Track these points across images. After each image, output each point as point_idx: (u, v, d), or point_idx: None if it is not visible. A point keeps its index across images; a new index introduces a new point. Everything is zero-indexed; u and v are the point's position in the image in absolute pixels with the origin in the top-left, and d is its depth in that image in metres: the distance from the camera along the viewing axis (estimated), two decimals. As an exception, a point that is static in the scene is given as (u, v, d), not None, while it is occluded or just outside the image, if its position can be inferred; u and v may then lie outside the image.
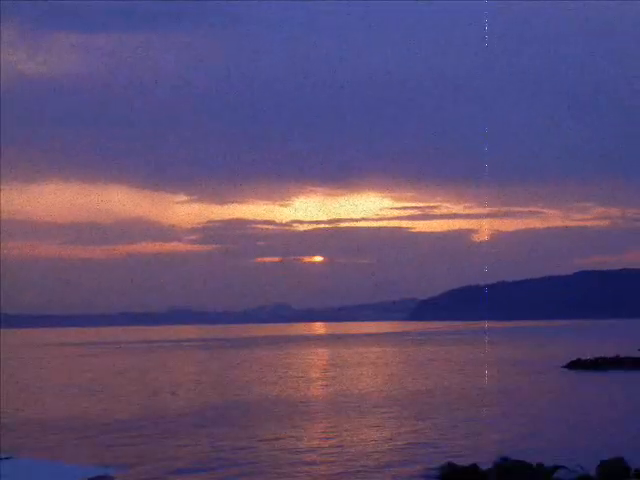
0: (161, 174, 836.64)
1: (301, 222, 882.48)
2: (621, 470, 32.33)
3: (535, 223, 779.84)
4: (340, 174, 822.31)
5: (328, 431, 47.45)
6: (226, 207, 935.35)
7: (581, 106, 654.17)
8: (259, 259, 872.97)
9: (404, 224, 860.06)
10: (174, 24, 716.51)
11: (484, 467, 34.06)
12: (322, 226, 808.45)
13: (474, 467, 34.03)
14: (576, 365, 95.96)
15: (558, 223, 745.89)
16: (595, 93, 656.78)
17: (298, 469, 36.09)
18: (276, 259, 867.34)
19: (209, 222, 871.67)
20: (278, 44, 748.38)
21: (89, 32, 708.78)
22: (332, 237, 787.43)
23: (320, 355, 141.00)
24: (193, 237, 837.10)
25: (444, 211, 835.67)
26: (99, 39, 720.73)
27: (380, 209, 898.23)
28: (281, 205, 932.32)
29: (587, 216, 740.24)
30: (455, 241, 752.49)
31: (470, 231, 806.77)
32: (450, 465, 34.48)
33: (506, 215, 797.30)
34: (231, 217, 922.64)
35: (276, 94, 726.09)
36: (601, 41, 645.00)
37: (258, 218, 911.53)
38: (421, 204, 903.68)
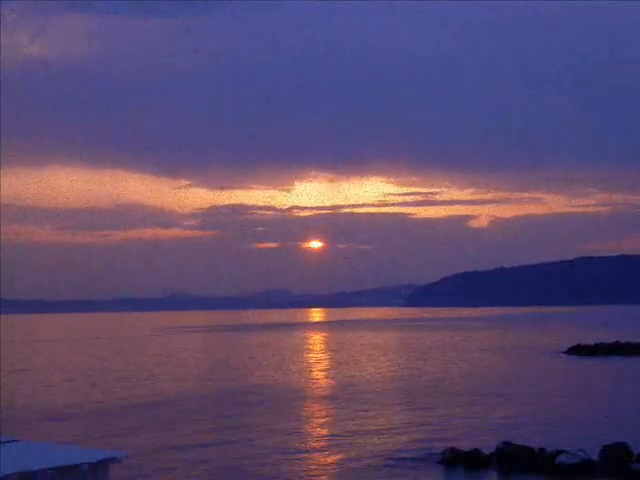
0: (162, 159, 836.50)
1: (302, 208, 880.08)
2: (624, 455, 32.43)
3: (536, 209, 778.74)
4: (342, 159, 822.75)
5: (329, 417, 47.63)
6: (226, 193, 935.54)
7: (583, 93, 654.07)
8: (259, 245, 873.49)
9: (405, 210, 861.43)
10: (179, 10, 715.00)
11: (486, 452, 34.20)
12: (323, 212, 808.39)
13: (476, 452, 34.15)
14: (576, 351, 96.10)
15: (559, 209, 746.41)
16: (598, 81, 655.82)
17: (298, 457, 36.25)
18: (276, 245, 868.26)
19: (209, 208, 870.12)
20: (279, 29, 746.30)
21: (92, 16, 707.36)
22: (333, 223, 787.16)
23: (319, 341, 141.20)
24: (193, 222, 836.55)
25: (446, 197, 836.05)
26: (102, 23, 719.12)
27: (382, 195, 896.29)
28: (282, 190, 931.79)
29: (588, 202, 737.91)
30: (456, 227, 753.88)
31: (471, 217, 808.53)
32: (452, 450, 34.59)
33: (508, 201, 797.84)
34: (231, 202, 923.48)
35: (277, 80, 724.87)
36: (606, 32, 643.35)
37: (259, 204, 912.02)
38: (423, 190, 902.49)
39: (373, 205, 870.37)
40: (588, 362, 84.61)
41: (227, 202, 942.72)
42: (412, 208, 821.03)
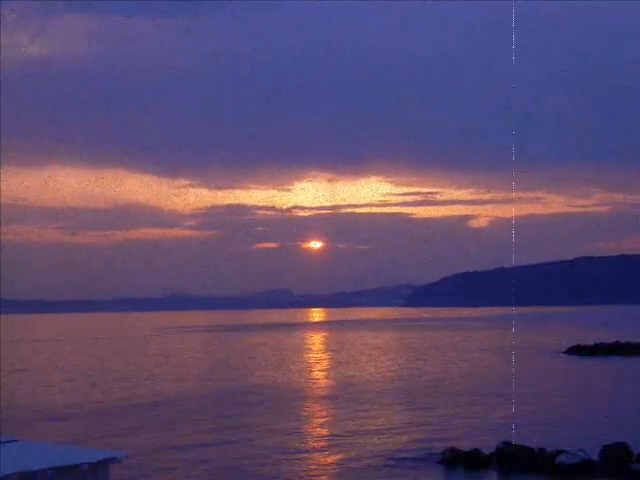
0: (162, 159, 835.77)
1: (302, 208, 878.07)
2: (624, 455, 32.42)
3: (536, 209, 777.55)
4: (342, 159, 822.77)
5: (329, 417, 47.61)
6: (226, 193, 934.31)
7: (583, 93, 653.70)
8: (259, 245, 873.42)
9: (405, 210, 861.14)
10: (179, 10, 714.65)
11: (486, 452, 34.20)
12: (323, 212, 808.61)
13: (476, 452, 34.15)
14: (576, 351, 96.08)
15: (559, 209, 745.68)
16: (598, 81, 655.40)
17: (298, 457, 36.24)
18: (276, 245, 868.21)
19: (209, 208, 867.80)
20: (279, 29, 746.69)
21: (93, 16, 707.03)
22: (333, 223, 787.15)
23: (319, 341, 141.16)
24: (193, 222, 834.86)
25: (446, 197, 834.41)
26: (102, 23, 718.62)
27: (382, 195, 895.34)
28: (282, 190, 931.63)
29: (588, 202, 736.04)
30: (456, 227, 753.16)
31: (471, 217, 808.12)
32: (452, 450, 34.59)
33: (508, 201, 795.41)
34: (231, 202, 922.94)
35: (277, 80, 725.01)
36: (606, 32, 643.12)
37: (259, 204, 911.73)
38: (424, 189, 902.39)
39: (373, 205, 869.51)
40: (588, 362, 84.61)
41: (227, 202, 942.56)
42: (412, 208, 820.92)
